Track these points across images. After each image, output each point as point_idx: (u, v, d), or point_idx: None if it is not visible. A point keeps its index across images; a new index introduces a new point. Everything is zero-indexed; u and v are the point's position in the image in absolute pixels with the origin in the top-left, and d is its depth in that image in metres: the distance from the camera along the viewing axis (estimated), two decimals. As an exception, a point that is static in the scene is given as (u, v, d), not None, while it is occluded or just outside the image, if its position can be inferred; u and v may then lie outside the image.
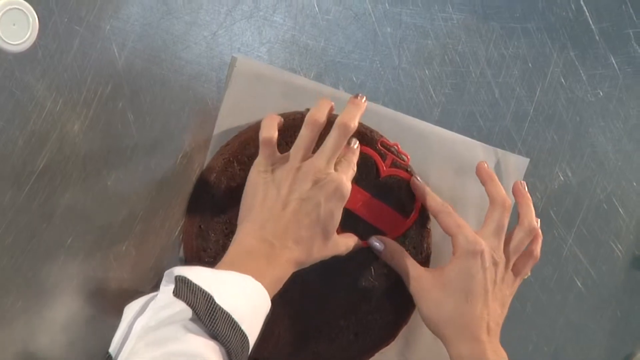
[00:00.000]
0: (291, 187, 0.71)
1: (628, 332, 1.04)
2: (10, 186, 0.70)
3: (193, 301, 0.59)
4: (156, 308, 0.61)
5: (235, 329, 0.60)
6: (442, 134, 0.87)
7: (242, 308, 0.62)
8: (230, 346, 0.59)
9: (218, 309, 0.60)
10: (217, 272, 0.65)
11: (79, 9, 0.70)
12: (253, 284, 0.65)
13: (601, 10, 0.93)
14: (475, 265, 0.77)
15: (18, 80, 0.69)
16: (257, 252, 0.69)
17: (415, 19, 0.85)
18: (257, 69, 0.79)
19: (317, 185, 0.71)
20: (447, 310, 0.77)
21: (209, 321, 0.59)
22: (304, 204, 0.71)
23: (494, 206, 0.80)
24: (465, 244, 0.77)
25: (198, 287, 0.61)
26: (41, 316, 0.74)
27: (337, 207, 0.72)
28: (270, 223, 0.71)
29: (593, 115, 0.95)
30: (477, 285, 0.77)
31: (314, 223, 0.71)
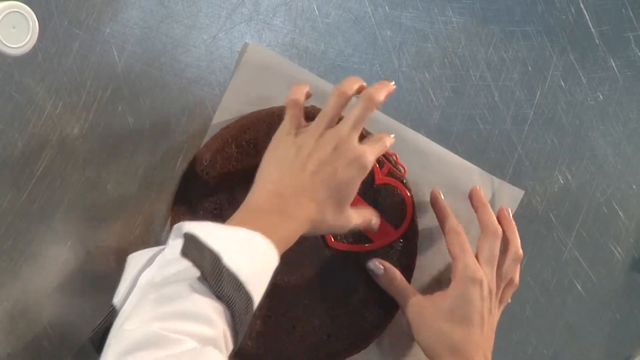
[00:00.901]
0: (312, 150, 0.71)
1: (627, 334, 1.04)
2: (9, 189, 0.70)
3: (200, 261, 0.58)
4: (163, 263, 0.60)
5: (240, 291, 0.59)
6: (441, 153, 0.87)
7: (248, 268, 0.61)
8: (235, 308, 0.59)
9: (224, 270, 0.59)
10: (226, 229, 0.64)
11: (79, 12, 0.70)
12: (262, 241, 0.64)
13: (601, 13, 0.93)
14: (475, 293, 0.78)
15: (18, 83, 0.69)
16: (271, 206, 0.68)
17: (415, 22, 0.85)
18: (267, 58, 0.78)
19: (337, 151, 0.71)
20: (449, 339, 0.78)
21: (214, 282, 0.58)
22: (323, 167, 0.70)
23: (486, 234, 0.82)
24: (465, 271, 0.78)
25: (206, 246, 0.60)
26: (41, 318, 0.74)
27: (355, 177, 0.72)
28: (286, 180, 0.70)
29: (593, 118, 0.95)
30: (476, 314, 0.78)
31: (330, 187, 0.70)
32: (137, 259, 0.63)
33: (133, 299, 0.59)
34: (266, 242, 0.64)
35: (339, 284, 0.82)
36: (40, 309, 0.74)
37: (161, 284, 0.58)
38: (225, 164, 0.77)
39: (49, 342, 0.74)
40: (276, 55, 0.79)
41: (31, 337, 0.74)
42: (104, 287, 0.75)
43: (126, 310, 0.59)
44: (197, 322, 0.56)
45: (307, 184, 0.70)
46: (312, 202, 0.70)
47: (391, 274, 0.82)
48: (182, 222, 0.63)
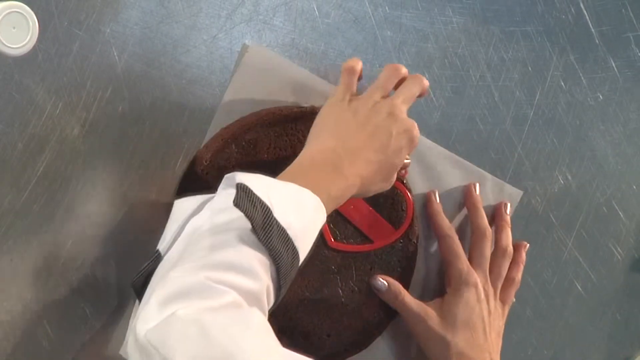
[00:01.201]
0: (368, 114, 0.71)
1: (627, 335, 1.04)
2: (9, 189, 0.70)
3: (252, 212, 0.58)
4: (213, 210, 0.60)
5: (288, 245, 0.59)
6: (441, 154, 0.87)
7: (297, 224, 0.61)
8: (281, 262, 0.59)
9: (275, 223, 0.59)
10: (277, 183, 0.64)
11: (79, 12, 0.70)
12: (311, 198, 0.63)
13: (601, 13, 0.93)
14: (471, 297, 0.79)
15: (18, 84, 0.69)
16: (324, 162, 0.68)
17: (415, 22, 0.85)
18: (267, 58, 0.78)
19: (391, 117, 0.71)
20: (454, 346, 0.78)
21: (264, 235, 0.58)
22: (378, 130, 0.71)
23: (478, 236, 0.83)
24: (459, 276, 0.79)
25: (258, 198, 0.59)
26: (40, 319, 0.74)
27: (405, 146, 0.72)
28: (343, 138, 0.70)
29: (593, 118, 0.95)
30: (476, 317, 0.79)
31: (384, 150, 0.71)
32: (186, 205, 0.63)
33: (180, 245, 0.59)
34: (315, 199, 0.64)
35: (339, 283, 0.82)
36: (40, 309, 0.73)
37: (211, 232, 0.58)
38: (225, 164, 0.77)
39: (48, 342, 0.74)
40: (276, 55, 0.79)
41: (31, 337, 0.74)
42: (103, 289, 0.75)
43: (172, 256, 0.59)
44: (243, 275, 0.56)
45: (362, 145, 0.70)
46: (366, 162, 0.70)
47: (395, 290, 0.82)
48: (235, 173, 0.63)
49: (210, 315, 0.53)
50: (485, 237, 0.83)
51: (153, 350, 0.52)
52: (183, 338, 0.52)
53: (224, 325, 0.53)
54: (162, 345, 0.52)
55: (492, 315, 0.80)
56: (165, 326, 0.53)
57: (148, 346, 0.53)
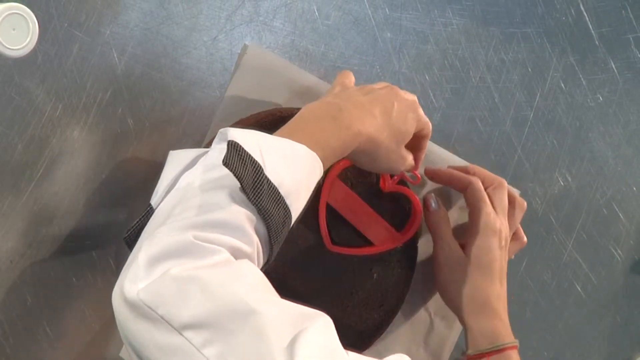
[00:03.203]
0: (369, 89, 0.71)
1: (627, 336, 1.04)
2: (10, 191, 0.70)
3: (241, 172, 0.57)
4: (206, 166, 0.60)
5: (279, 204, 0.59)
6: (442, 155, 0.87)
7: (290, 181, 0.60)
8: (272, 221, 0.58)
9: (265, 182, 0.58)
10: (271, 139, 0.62)
11: (79, 14, 0.70)
12: (306, 154, 0.62)
13: (601, 15, 0.93)
14: (494, 243, 0.79)
15: (18, 86, 0.69)
16: (324, 114, 0.67)
17: (415, 24, 0.85)
18: (266, 59, 0.79)
19: (392, 91, 0.71)
20: (469, 284, 0.79)
21: (253, 194, 0.57)
22: (382, 97, 0.70)
23: (494, 186, 0.82)
24: (487, 221, 0.79)
25: (248, 155, 0.58)
26: (40, 320, 0.74)
27: (410, 116, 0.72)
28: (344, 94, 0.70)
29: (593, 120, 0.95)
30: (496, 264, 0.79)
31: (387, 113, 0.70)
32: (180, 158, 0.62)
33: (171, 200, 0.58)
34: (311, 155, 0.63)
35: (339, 286, 0.82)
36: (39, 311, 0.74)
37: (201, 189, 0.57)
38: None
39: (48, 344, 0.74)
40: (276, 56, 0.79)
41: (31, 339, 0.74)
42: (104, 289, 0.75)
43: (162, 211, 0.58)
44: (231, 233, 0.56)
45: (365, 104, 0.69)
46: (371, 117, 0.68)
47: (439, 217, 0.83)
48: (227, 128, 0.61)
49: (206, 272, 0.53)
50: (502, 185, 0.83)
51: (148, 310, 0.52)
52: (184, 297, 0.52)
53: (222, 281, 0.53)
54: (161, 304, 0.52)
55: (505, 264, 0.82)
56: (160, 285, 0.52)
57: (142, 306, 0.52)
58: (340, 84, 0.74)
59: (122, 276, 0.54)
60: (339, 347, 0.58)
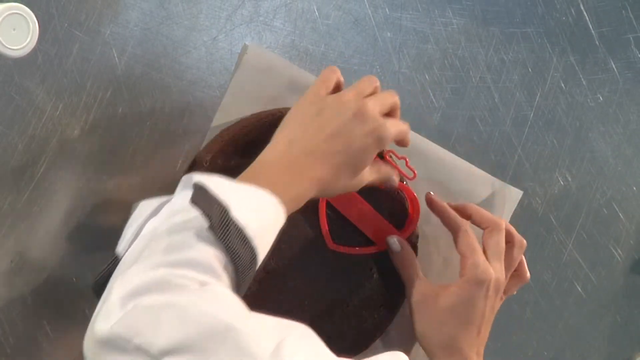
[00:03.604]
0: (332, 113, 0.70)
1: (627, 336, 1.04)
2: (10, 191, 0.70)
3: (209, 211, 0.58)
4: (171, 211, 0.60)
5: (246, 245, 0.59)
6: (441, 155, 0.87)
7: (255, 224, 0.60)
8: (239, 261, 0.58)
9: (232, 223, 0.58)
10: (235, 184, 0.63)
11: (79, 14, 0.70)
12: (269, 199, 0.63)
13: (601, 15, 0.93)
14: (480, 294, 0.77)
15: (18, 85, 0.69)
16: (283, 164, 0.68)
17: (415, 23, 0.85)
18: (267, 59, 0.79)
19: (357, 119, 0.70)
20: (444, 332, 0.77)
21: (222, 233, 0.58)
22: (340, 132, 0.69)
23: (491, 229, 0.80)
24: (475, 271, 0.77)
25: (215, 197, 0.59)
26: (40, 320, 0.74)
27: (371, 146, 0.70)
28: (303, 139, 0.69)
29: (593, 120, 0.95)
30: (477, 313, 0.77)
31: (345, 152, 0.69)
32: (144, 207, 0.62)
33: (137, 246, 0.58)
34: (274, 200, 0.63)
35: (339, 285, 0.82)
36: (40, 310, 0.74)
37: (168, 231, 0.58)
38: (225, 166, 0.77)
39: (48, 343, 0.74)
40: (276, 56, 0.79)
41: (31, 339, 0.74)
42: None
43: (130, 255, 0.58)
44: (202, 271, 0.56)
45: (322, 146, 0.69)
46: (324, 164, 0.68)
47: (405, 255, 0.81)
48: (191, 173, 0.62)
49: (178, 298, 0.53)
50: (500, 228, 0.80)
51: (123, 342, 0.51)
52: (159, 323, 0.51)
53: (195, 303, 0.53)
54: (136, 334, 0.51)
55: (493, 310, 0.79)
56: (134, 316, 0.52)
57: (116, 339, 0.52)
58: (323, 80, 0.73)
59: (92, 320, 0.54)
60: (325, 349, 0.58)
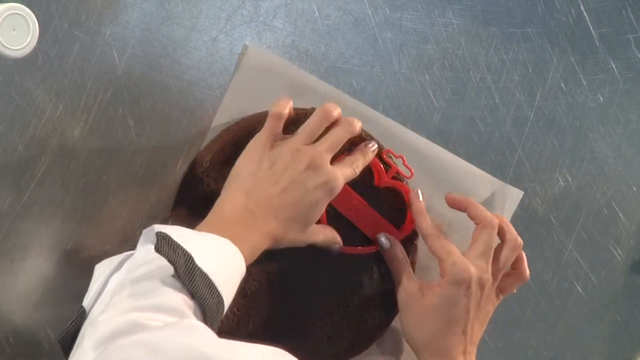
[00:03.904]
0: (285, 165, 0.72)
1: (627, 336, 1.04)
2: (10, 191, 0.70)
3: (174, 258, 0.59)
4: (134, 264, 0.60)
5: (212, 290, 0.60)
6: (441, 155, 0.87)
7: (219, 270, 0.62)
8: (207, 306, 0.59)
9: (197, 269, 0.60)
10: (197, 233, 0.65)
11: (79, 14, 0.70)
12: (231, 247, 0.65)
13: (601, 15, 0.93)
14: (460, 293, 0.76)
15: (18, 86, 0.69)
16: (238, 219, 0.69)
17: (416, 24, 0.85)
18: (267, 60, 0.79)
19: (310, 170, 0.71)
20: (428, 332, 0.77)
21: (188, 280, 0.58)
22: (293, 185, 0.71)
23: (482, 225, 0.79)
24: (453, 272, 0.76)
25: (179, 245, 0.60)
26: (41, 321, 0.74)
27: (323, 199, 0.72)
28: (255, 193, 0.71)
29: (593, 120, 0.95)
30: (460, 313, 0.76)
31: (296, 206, 0.71)
32: (106, 265, 0.63)
33: (104, 298, 0.59)
34: (235, 249, 0.65)
35: (339, 285, 0.82)
36: (41, 311, 0.74)
37: (133, 281, 0.58)
38: (225, 166, 0.77)
39: (49, 345, 0.74)
40: (276, 56, 0.79)
41: (32, 339, 0.74)
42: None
43: (97, 308, 0.58)
44: (172, 315, 0.56)
45: (275, 201, 0.71)
46: (277, 219, 0.71)
47: (394, 253, 0.81)
48: (152, 225, 0.63)
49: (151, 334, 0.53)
50: (492, 226, 0.79)
51: None
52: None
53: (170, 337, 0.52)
54: None
55: (481, 306, 0.78)
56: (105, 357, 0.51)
57: None
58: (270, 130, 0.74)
59: None
60: None
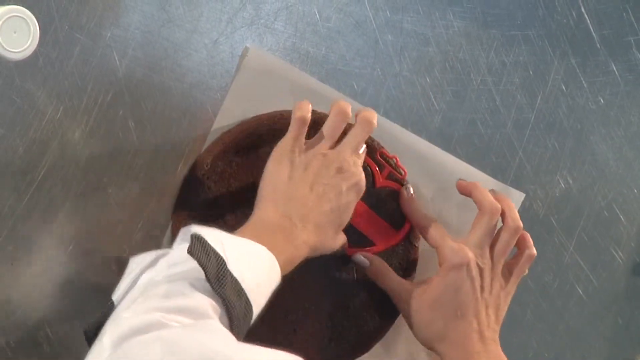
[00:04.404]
0: (318, 171, 0.72)
1: (628, 338, 1.04)
2: (10, 193, 0.70)
3: (205, 262, 0.58)
4: (167, 263, 0.60)
5: (241, 297, 0.60)
6: (442, 157, 0.87)
7: (251, 277, 0.61)
8: (234, 312, 0.59)
9: (228, 274, 0.59)
10: (234, 238, 0.64)
11: (80, 16, 0.70)
12: (267, 255, 0.64)
13: (602, 17, 0.93)
14: (461, 277, 0.76)
15: (19, 88, 0.69)
16: (277, 227, 0.69)
17: (416, 26, 0.85)
18: (267, 62, 0.79)
19: (340, 174, 0.72)
20: (438, 327, 0.77)
21: (217, 285, 0.58)
22: (328, 190, 0.71)
23: (482, 211, 0.79)
24: (451, 256, 0.77)
25: (212, 248, 0.60)
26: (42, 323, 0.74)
27: (353, 200, 0.73)
28: (294, 202, 0.71)
29: (594, 122, 0.95)
30: (465, 297, 0.76)
31: (333, 210, 0.72)
32: (140, 260, 0.63)
33: (133, 294, 0.59)
34: (271, 257, 0.65)
35: (339, 287, 0.82)
36: (41, 313, 0.74)
37: (164, 280, 0.58)
38: (226, 168, 0.77)
39: (49, 346, 0.74)
40: (277, 59, 0.79)
41: (32, 341, 0.74)
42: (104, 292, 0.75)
43: (124, 303, 0.58)
44: (197, 318, 0.56)
45: (313, 207, 0.71)
46: (315, 226, 0.71)
47: (376, 267, 0.81)
48: (190, 225, 0.63)
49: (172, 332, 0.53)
50: (492, 211, 0.78)
51: None
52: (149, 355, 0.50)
53: (187, 334, 0.52)
54: None
55: (487, 291, 0.78)
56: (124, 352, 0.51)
57: None
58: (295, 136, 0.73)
59: None
60: None
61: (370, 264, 0.81)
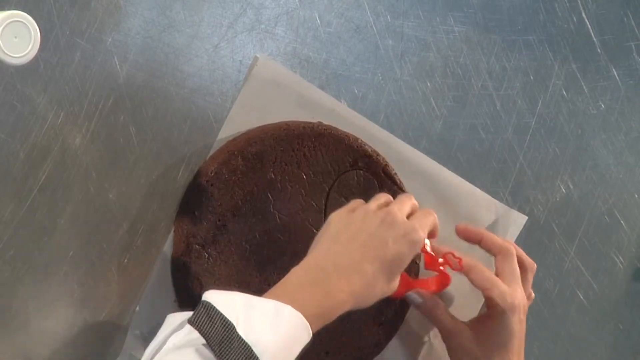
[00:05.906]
0: (360, 224, 0.71)
1: (629, 344, 1.04)
2: (11, 199, 0.70)
3: (208, 329, 0.59)
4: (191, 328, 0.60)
5: None
6: (446, 176, 0.87)
7: (267, 340, 0.60)
8: None
9: (236, 339, 0.59)
10: (251, 299, 0.63)
11: (81, 22, 0.71)
12: (291, 314, 0.63)
13: (603, 22, 0.93)
14: (515, 321, 0.77)
15: (20, 93, 0.69)
16: (310, 280, 0.67)
17: (417, 31, 0.85)
18: (276, 72, 0.79)
19: (385, 224, 0.71)
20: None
21: (219, 350, 0.58)
22: (372, 239, 0.70)
23: (504, 255, 0.80)
24: (503, 301, 0.77)
25: (219, 314, 0.60)
26: (42, 328, 0.74)
27: (405, 252, 0.71)
28: (333, 251, 0.70)
29: (595, 127, 0.95)
30: (516, 339, 0.78)
31: (380, 259, 0.70)
32: (172, 320, 0.63)
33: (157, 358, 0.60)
34: (297, 315, 0.63)
35: None
36: (41, 319, 0.73)
37: (172, 349, 0.59)
38: (230, 176, 0.77)
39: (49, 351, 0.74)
40: (286, 69, 0.79)
41: (31, 346, 0.74)
42: (105, 298, 0.75)
43: None
44: None
45: (355, 255, 0.69)
46: (358, 276, 0.69)
47: (431, 304, 0.81)
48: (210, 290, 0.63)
49: None
50: (512, 253, 0.80)
51: None
52: None
53: None
54: None
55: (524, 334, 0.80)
56: None
57: None
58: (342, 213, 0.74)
59: None
60: None
61: (424, 301, 0.81)
